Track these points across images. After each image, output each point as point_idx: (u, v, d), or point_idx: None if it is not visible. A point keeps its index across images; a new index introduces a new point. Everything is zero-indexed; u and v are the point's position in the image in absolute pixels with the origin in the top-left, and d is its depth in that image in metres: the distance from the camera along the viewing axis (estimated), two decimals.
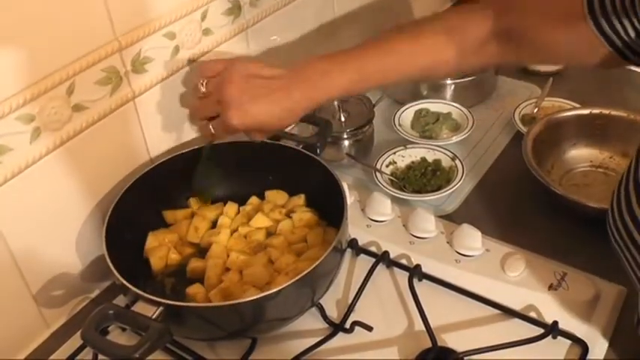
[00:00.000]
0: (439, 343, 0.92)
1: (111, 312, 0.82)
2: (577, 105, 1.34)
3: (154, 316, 0.82)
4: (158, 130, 1.09)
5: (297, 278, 0.85)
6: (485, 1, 0.96)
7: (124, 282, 0.86)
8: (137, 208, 1.01)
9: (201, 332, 0.89)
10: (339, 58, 0.97)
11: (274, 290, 0.84)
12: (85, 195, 1.01)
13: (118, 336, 0.96)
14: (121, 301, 1.01)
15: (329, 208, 1.05)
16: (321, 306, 0.98)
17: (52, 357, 0.97)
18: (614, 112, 1.24)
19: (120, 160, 1.05)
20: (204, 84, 0.99)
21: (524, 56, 0.96)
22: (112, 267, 0.89)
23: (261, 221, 1.07)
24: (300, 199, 1.10)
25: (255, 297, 0.84)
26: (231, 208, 1.10)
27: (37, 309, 0.98)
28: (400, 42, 0.99)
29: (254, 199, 1.11)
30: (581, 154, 1.26)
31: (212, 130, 0.99)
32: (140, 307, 0.84)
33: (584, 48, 0.86)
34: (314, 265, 0.87)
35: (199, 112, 1.02)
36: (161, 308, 0.83)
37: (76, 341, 0.98)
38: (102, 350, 0.79)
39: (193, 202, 1.11)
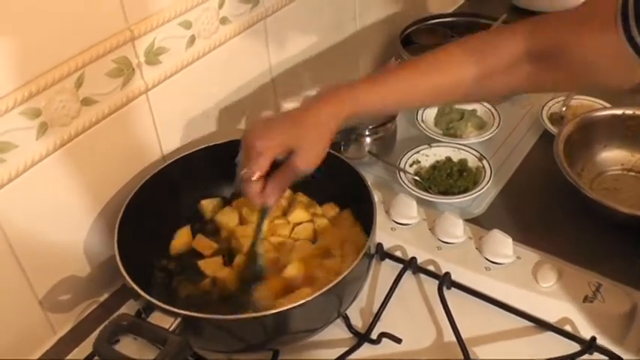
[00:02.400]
0: (472, 357, 0.87)
1: (124, 323, 0.76)
2: (606, 104, 1.28)
3: (171, 328, 0.77)
4: (172, 126, 1.04)
5: (326, 288, 0.79)
6: (518, 22, 0.88)
7: (140, 291, 0.81)
8: (149, 208, 0.95)
9: (221, 344, 0.84)
10: (357, 82, 0.91)
11: (302, 301, 0.78)
12: (93, 195, 0.95)
13: (128, 344, 0.87)
14: (132, 306, 0.97)
15: (354, 210, 1.01)
16: (346, 315, 0.93)
17: None
18: None
19: (131, 157, 0.99)
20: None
21: (560, 77, 0.87)
22: (124, 273, 0.84)
23: (301, 216, 1.03)
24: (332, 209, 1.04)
25: (281, 309, 0.78)
26: None
27: (42, 314, 0.93)
28: (418, 61, 0.91)
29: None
30: (612, 157, 1.21)
31: (246, 175, 0.87)
32: (155, 317, 0.79)
33: (621, 65, 0.79)
34: (345, 273, 0.81)
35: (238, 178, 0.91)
36: (179, 319, 0.77)
37: (84, 349, 0.93)
38: None
39: (206, 204, 1.05)
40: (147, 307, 0.84)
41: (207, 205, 1.06)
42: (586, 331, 0.92)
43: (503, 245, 1.00)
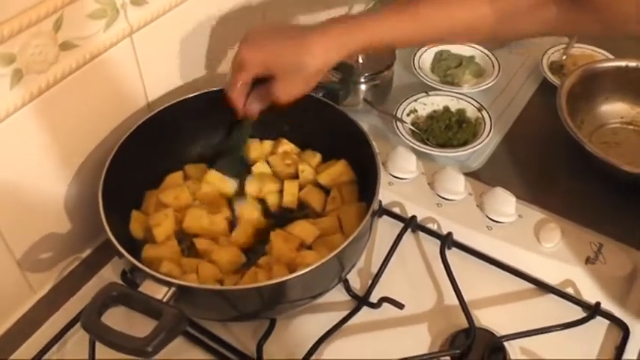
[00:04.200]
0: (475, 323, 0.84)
1: (114, 294, 0.71)
2: (609, 55, 1.24)
3: (164, 298, 0.72)
4: (158, 72, 0.96)
5: (332, 255, 0.74)
6: None
7: (129, 257, 0.76)
8: (136, 159, 0.89)
9: (217, 313, 0.80)
10: (362, 15, 0.86)
11: (306, 270, 0.74)
12: (74, 147, 0.88)
13: (115, 313, 0.76)
14: (117, 264, 0.92)
15: (352, 164, 0.96)
16: (345, 278, 0.88)
17: (42, 328, 0.86)
18: None
19: (114, 106, 0.92)
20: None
21: (587, 23, 0.81)
22: (110, 235, 0.78)
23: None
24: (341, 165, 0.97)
25: (281, 279, 0.73)
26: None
27: (21, 274, 0.87)
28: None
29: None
30: (612, 110, 1.17)
31: (226, 82, 0.87)
32: (147, 285, 0.73)
33: None
34: (353, 235, 0.77)
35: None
36: (173, 289, 0.72)
37: (67, 311, 0.88)
38: (108, 342, 0.67)
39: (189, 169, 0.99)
40: (133, 268, 0.78)
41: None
42: (588, 294, 0.90)
43: (505, 203, 0.96)
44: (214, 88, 0.95)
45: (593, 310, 0.86)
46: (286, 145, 1.00)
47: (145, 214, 0.91)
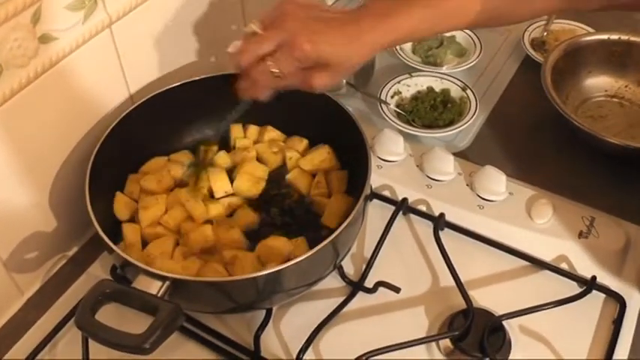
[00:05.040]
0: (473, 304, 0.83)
1: (108, 291, 0.69)
2: (589, 29, 1.23)
3: (159, 293, 0.70)
4: (139, 63, 0.94)
5: (327, 241, 0.73)
6: None
7: (121, 253, 0.74)
8: (120, 154, 0.88)
9: (211, 306, 0.78)
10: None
11: (301, 258, 0.72)
12: (57, 142, 0.86)
13: (107, 310, 0.74)
14: (105, 261, 0.90)
15: (339, 150, 0.95)
16: (340, 264, 0.87)
17: (32, 329, 0.84)
18: (633, 38, 1.14)
19: (96, 99, 0.89)
20: (256, 25, 0.78)
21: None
22: (100, 232, 0.76)
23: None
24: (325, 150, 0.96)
25: (276, 268, 0.72)
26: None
27: (7, 275, 0.85)
28: None
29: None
30: (596, 83, 1.17)
31: (270, 67, 0.76)
32: (140, 281, 0.72)
33: None
34: (348, 220, 0.76)
35: (249, 53, 0.77)
36: (167, 283, 0.71)
37: (57, 310, 0.86)
38: (104, 340, 0.66)
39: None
40: (123, 263, 0.77)
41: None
42: (583, 269, 0.90)
43: (496, 182, 0.95)
44: (197, 77, 0.94)
45: (590, 285, 0.86)
46: (272, 132, 0.98)
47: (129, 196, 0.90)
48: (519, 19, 0.88)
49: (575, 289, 0.87)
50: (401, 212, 0.95)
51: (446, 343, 0.82)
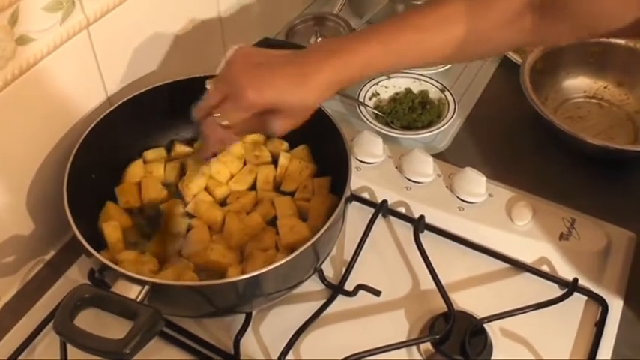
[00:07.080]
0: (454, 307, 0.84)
1: (87, 296, 0.68)
2: None
3: (138, 298, 0.69)
4: (116, 64, 0.93)
5: (306, 246, 0.73)
6: None
7: (99, 257, 0.73)
8: (99, 156, 0.87)
9: (192, 309, 0.78)
10: (359, 34, 0.80)
11: (282, 262, 0.72)
12: (34, 145, 0.85)
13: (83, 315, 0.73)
14: (83, 265, 0.89)
15: (316, 152, 0.95)
16: (320, 267, 0.87)
17: (9, 334, 0.83)
18: (612, 40, 1.14)
19: (74, 101, 0.88)
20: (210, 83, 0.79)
21: (564, 31, 0.79)
22: (79, 237, 0.76)
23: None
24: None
25: (257, 272, 0.72)
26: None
27: None
28: (422, 16, 0.79)
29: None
30: (575, 84, 1.18)
31: (218, 119, 0.76)
32: (119, 285, 0.71)
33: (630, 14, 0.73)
34: (328, 224, 0.76)
35: (199, 109, 0.79)
36: (147, 287, 0.70)
37: (34, 315, 0.85)
38: (83, 345, 0.65)
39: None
40: (102, 267, 0.76)
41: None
42: (564, 271, 0.90)
43: (476, 184, 0.95)
44: (175, 79, 0.93)
45: (572, 287, 0.86)
46: (253, 135, 0.98)
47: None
48: (483, 56, 0.86)
49: (556, 291, 0.88)
50: (381, 214, 0.95)
51: (427, 346, 0.82)
